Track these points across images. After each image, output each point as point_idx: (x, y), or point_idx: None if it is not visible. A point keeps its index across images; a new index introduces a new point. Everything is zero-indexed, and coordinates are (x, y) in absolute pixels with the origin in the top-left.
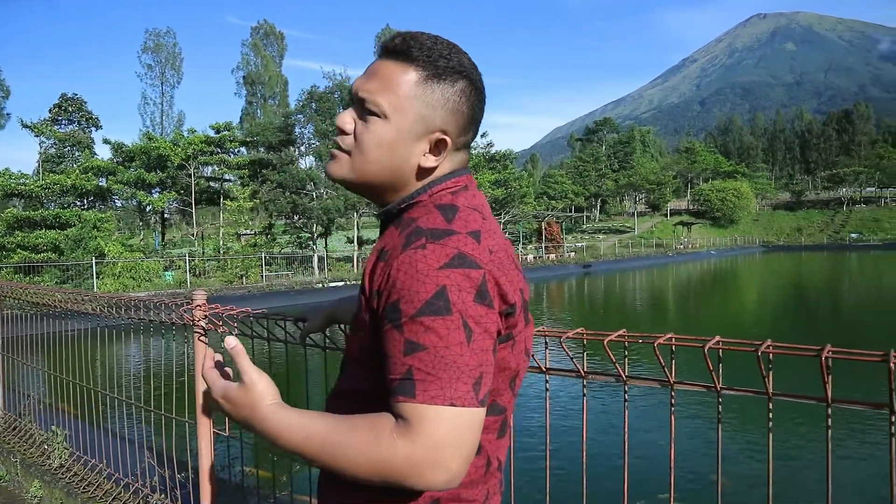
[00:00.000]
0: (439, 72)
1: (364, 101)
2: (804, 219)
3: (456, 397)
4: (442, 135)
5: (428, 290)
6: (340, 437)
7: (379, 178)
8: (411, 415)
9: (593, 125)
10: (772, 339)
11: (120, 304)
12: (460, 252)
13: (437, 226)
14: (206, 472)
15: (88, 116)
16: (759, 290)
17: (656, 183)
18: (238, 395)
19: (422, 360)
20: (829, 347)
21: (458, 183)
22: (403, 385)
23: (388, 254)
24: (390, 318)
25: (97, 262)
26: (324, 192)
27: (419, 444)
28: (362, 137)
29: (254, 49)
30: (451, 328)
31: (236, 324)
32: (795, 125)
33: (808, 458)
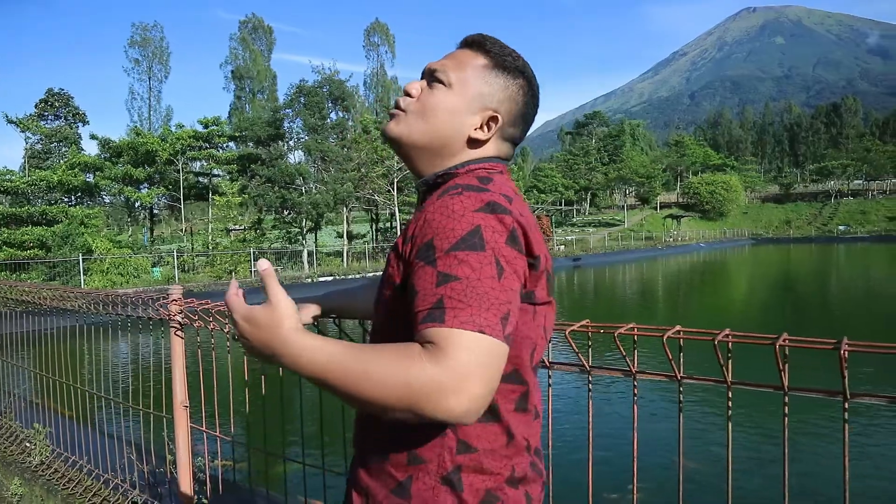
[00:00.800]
0: (505, 64)
1: (435, 71)
2: (793, 211)
3: (485, 325)
4: (495, 113)
5: (463, 227)
6: (365, 358)
7: (430, 140)
8: (440, 338)
9: (583, 119)
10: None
11: (99, 300)
12: (493, 200)
13: (473, 183)
14: (184, 466)
15: (75, 112)
16: (747, 282)
17: (646, 176)
18: (261, 315)
19: (454, 290)
20: (784, 336)
21: (495, 168)
22: (433, 313)
23: (425, 209)
24: (423, 255)
25: (84, 258)
26: (313, 186)
27: (447, 367)
28: (426, 100)
29: (242, 43)
30: (483, 263)
31: (212, 318)
32: (784, 118)
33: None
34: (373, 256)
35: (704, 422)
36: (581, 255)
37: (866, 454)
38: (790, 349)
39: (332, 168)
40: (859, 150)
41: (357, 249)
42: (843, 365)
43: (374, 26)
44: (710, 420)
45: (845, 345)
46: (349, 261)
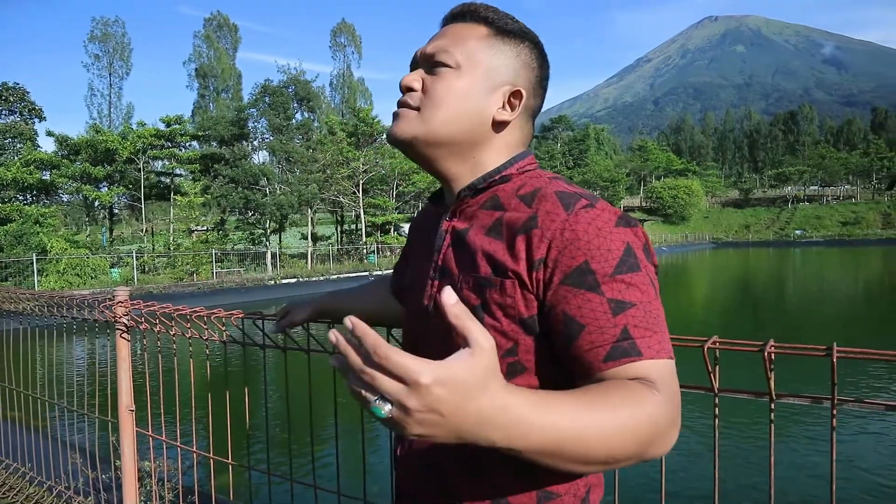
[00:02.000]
0: (508, 29)
1: (433, 55)
2: (752, 216)
3: (669, 349)
4: (516, 87)
5: (618, 246)
6: (604, 420)
7: (453, 132)
8: (649, 373)
9: (549, 123)
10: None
11: (43, 301)
12: (618, 211)
13: (576, 189)
14: (129, 473)
15: (31, 107)
16: (709, 285)
17: (610, 180)
18: (468, 373)
19: (635, 317)
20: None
21: (534, 160)
22: (621, 346)
23: (541, 222)
24: (579, 281)
25: (39, 258)
26: (277, 187)
27: (673, 402)
28: (434, 88)
29: (206, 41)
30: (646, 283)
31: (158, 321)
32: (744, 125)
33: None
34: (337, 259)
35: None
36: None
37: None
38: (719, 353)
39: (297, 169)
40: (815, 156)
41: (322, 251)
42: (767, 366)
43: (341, 27)
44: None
45: (769, 347)
46: (314, 263)
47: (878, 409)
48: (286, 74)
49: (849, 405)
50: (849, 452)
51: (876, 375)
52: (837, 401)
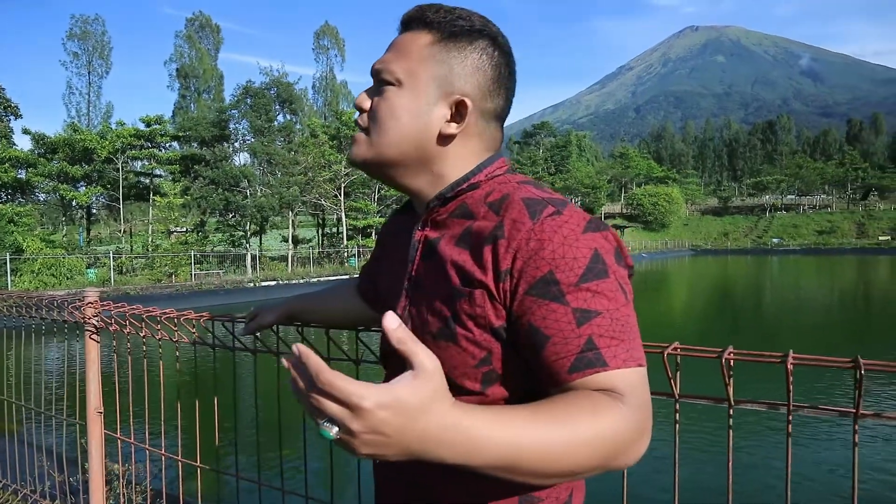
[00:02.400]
0: (455, 31)
1: (378, 72)
2: (730, 224)
3: (639, 357)
4: (461, 97)
5: (584, 254)
6: (564, 426)
7: (400, 152)
8: (615, 383)
9: (531, 128)
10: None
11: (11, 301)
12: (590, 217)
13: (545, 195)
14: (96, 475)
15: (6, 104)
16: (687, 291)
17: (591, 187)
18: (413, 395)
19: (600, 326)
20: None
21: (505, 164)
22: (585, 357)
23: (508, 231)
24: (543, 292)
25: (13, 258)
26: (258, 189)
27: (640, 411)
28: (378, 109)
29: (188, 41)
30: (614, 290)
31: (129, 322)
32: (724, 134)
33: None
34: (318, 262)
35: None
36: None
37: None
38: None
39: (279, 171)
40: (792, 166)
41: (302, 254)
42: (725, 372)
43: (324, 29)
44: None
45: (728, 353)
46: (294, 265)
47: (832, 414)
48: (268, 76)
49: (804, 411)
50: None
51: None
52: (793, 407)
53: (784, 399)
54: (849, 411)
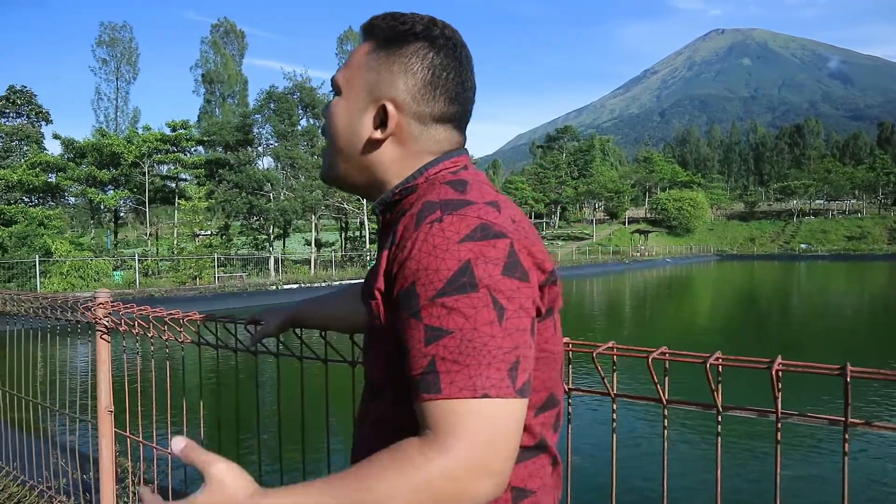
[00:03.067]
0: (391, 37)
1: (332, 84)
2: (756, 229)
3: (489, 386)
4: (388, 103)
5: (449, 266)
6: (364, 488)
7: (345, 161)
8: (438, 416)
9: (554, 133)
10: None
11: (25, 303)
12: (483, 222)
13: (450, 196)
14: (107, 472)
15: (38, 110)
16: (711, 297)
17: (615, 191)
18: (208, 501)
19: (446, 348)
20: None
21: (457, 163)
22: (425, 380)
23: (398, 237)
24: (406, 305)
25: (43, 260)
26: (281, 193)
27: (454, 453)
28: (327, 119)
29: (213, 47)
30: (478, 306)
31: (137, 323)
32: (750, 138)
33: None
34: (341, 265)
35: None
36: None
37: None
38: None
39: (302, 175)
40: (820, 170)
41: (325, 258)
42: (710, 378)
43: (348, 34)
44: (696, 443)
45: (714, 359)
46: (317, 269)
47: (821, 423)
48: (292, 81)
49: (793, 419)
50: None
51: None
52: (782, 414)
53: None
54: (838, 419)
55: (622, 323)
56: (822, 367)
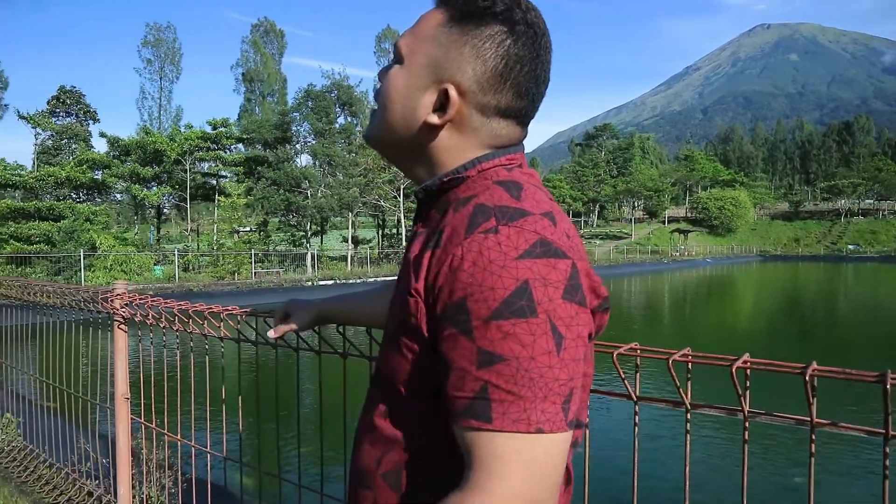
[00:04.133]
0: (469, 11)
1: (395, 48)
2: (801, 229)
3: (543, 421)
4: (451, 87)
5: (506, 285)
6: None
7: (395, 134)
8: (485, 449)
9: (593, 131)
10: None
11: (50, 293)
12: (542, 237)
13: (505, 203)
14: (123, 456)
15: (86, 109)
16: (753, 299)
17: (654, 190)
18: None
19: (501, 375)
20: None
21: (513, 161)
22: (475, 405)
23: (444, 239)
24: (454, 320)
25: (88, 254)
26: (318, 190)
27: (500, 494)
28: (381, 85)
29: (253, 46)
30: (536, 334)
31: (150, 314)
32: (796, 136)
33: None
34: (377, 262)
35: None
36: None
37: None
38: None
39: (339, 173)
40: (871, 169)
41: (362, 254)
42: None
43: (386, 32)
44: (723, 447)
45: (741, 362)
46: (353, 265)
47: (788, 422)
48: (330, 79)
49: (761, 418)
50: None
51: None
52: (749, 413)
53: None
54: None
55: (654, 324)
56: (859, 373)
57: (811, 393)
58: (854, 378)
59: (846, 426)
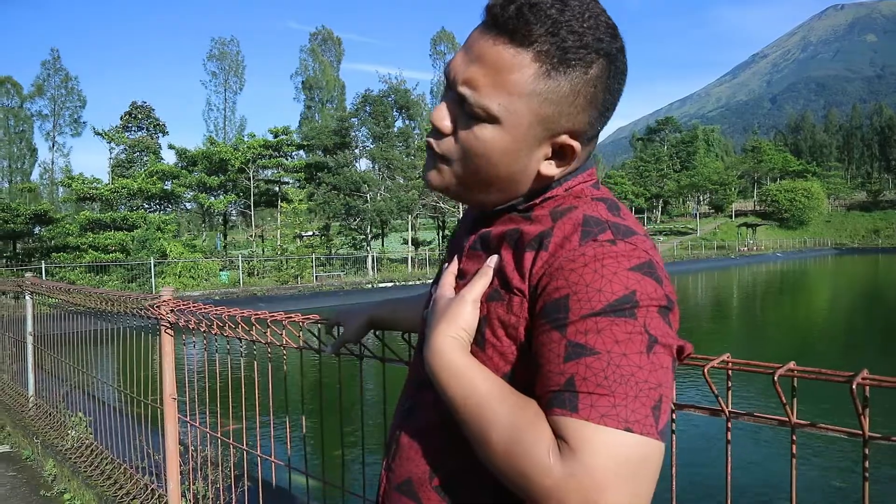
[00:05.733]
0: (568, 57)
1: (465, 97)
2: (881, 219)
3: (633, 420)
4: (569, 139)
5: (615, 290)
6: (500, 417)
7: (489, 189)
8: (572, 435)
9: (655, 125)
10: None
11: (101, 299)
12: (650, 259)
13: (615, 219)
14: (172, 453)
15: (156, 123)
16: (828, 296)
17: (720, 183)
18: (442, 305)
19: (590, 368)
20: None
21: (592, 176)
22: (561, 396)
23: (553, 244)
24: (551, 317)
25: (158, 262)
26: (378, 193)
27: (577, 475)
28: (467, 144)
29: (312, 55)
30: (632, 332)
31: (193, 320)
32: (874, 121)
33: None
34: (438, 263)
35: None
36: None
37: None
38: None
39: (398, 175)
40: None
41: (422, 256)
42: (779, 391)
43: (441, 35)
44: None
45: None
46: (414, 267)
47: (770, 423)
48: (387, 84)
49: (743, 419)
50: None
51: None
52: (732, 414)
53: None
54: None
55: (721, 325)
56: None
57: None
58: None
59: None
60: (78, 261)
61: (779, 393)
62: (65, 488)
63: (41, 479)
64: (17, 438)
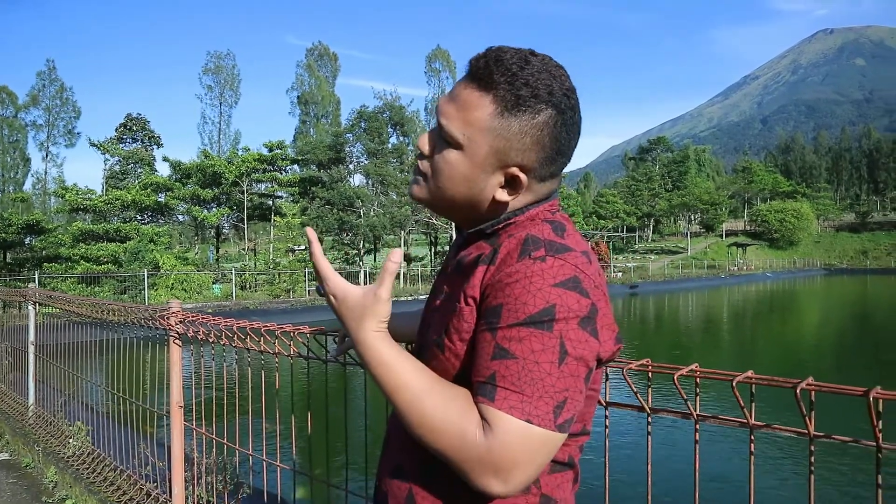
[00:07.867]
0: (519, 102)
1: (443, 126)
2: (870, 241)
3: (534, 415)
4: (517, 171)
5: (537, 304)
6: (433, 403)
7: (451, 204)
8: (490, 418)
9: (647, 144)
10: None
11: (111, 311)
12: (577, 275)
13: (554, 238)
14: (177, 460)
15: (151, 135)
16: (818, 316)
17: (711, 203)
18: (354, 300)
19: (508, 369)
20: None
21: (553, 206)
22: (485, 387)
23: (499, 259)
24: (487, 320)
25: (151, 274)
26: (371, 209)
27: (493, 449)
28: (437, 166)
29: (308, 70)
30: (546, 346)
31: (202, 330)
32: (863, 143)
33: None
34: (429, 279)
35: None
36: (638, 283)
37: None
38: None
39: (391, 191)
40: None
41: (414, 272)
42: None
43: (436, 53)
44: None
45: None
46: (406, 283)
47: (733, 425)
48: (382, 100)
49: (709, 421)
50: None
51: None
52: (700, 417)
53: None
54: (802, 432)
55: (705, 341)
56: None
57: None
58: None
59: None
60: (70, 272)
61: (737, 397)
62: (66, 494)
63: (42, 486)
64: (17, 446)
